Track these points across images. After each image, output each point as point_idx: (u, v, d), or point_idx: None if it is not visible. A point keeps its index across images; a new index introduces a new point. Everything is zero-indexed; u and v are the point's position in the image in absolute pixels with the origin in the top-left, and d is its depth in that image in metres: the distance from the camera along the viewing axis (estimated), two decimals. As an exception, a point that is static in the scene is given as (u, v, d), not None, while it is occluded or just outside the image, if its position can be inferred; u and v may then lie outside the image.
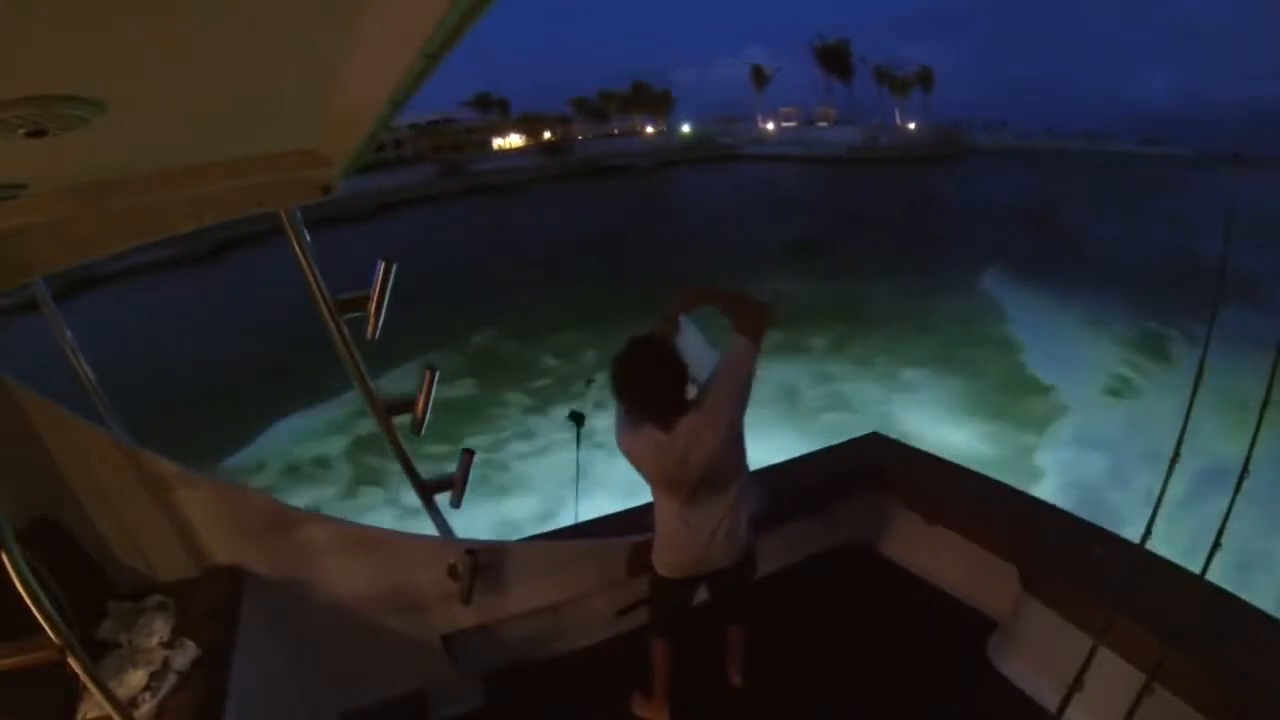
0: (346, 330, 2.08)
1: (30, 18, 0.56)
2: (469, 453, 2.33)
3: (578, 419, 2.78)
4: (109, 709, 1.23)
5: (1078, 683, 1.80)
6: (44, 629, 1.10)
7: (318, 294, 2.03)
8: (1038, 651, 2.40)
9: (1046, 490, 8.01)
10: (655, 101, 59.05)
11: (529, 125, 61.38)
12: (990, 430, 11.71)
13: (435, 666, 2.56)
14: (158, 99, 0.95)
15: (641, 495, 2.32)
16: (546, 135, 61.54)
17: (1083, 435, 11.11)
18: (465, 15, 0.68)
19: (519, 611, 2.64)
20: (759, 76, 55.64)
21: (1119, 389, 13.09)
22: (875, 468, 3.28)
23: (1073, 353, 14.57)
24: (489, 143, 60.65)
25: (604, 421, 2.38)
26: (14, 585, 1.06)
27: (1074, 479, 9.58)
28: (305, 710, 2.39)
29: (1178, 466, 1.82)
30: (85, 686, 1.25)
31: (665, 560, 2.27)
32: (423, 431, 2.17)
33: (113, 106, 0.86)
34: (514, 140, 61.53)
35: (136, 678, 1.67)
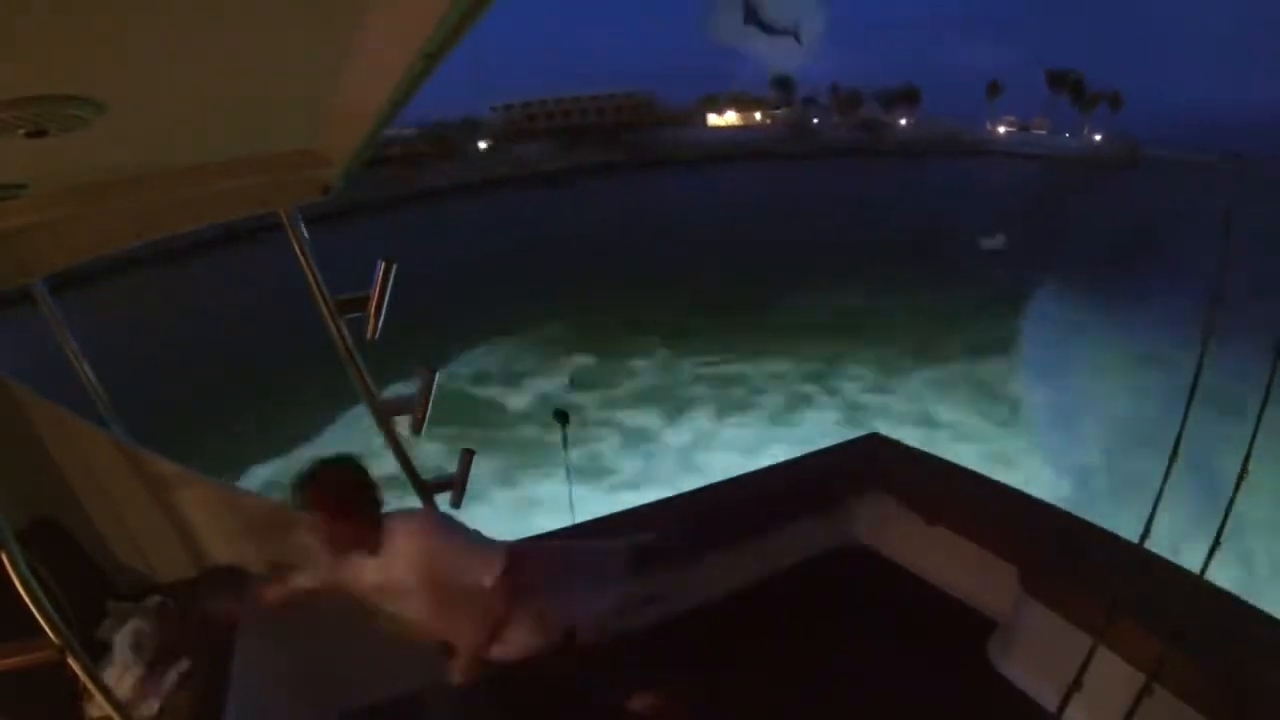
0: (346, 330, 2.08)
1: (31, 18, 0.57)
2: (469, 452, 2.33)
3: (562, 418, 2.73)
4: (109, 709, 1.23)
5: (1077, 683, 1.80)
6: (44, 629, 1.10)
7: (318, 294, 2.03)
8: (1038, 651, 2.40)
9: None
10: (908, 96, 68.84)
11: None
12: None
13: (435, 667, 2.56)
14: (158, 99, 0.95)
15: (641, 496, 2.32)
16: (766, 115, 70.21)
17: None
18: (465, 15, 0.68)
19: None
20: (993, 89, 66.72)
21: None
22: (875, 468, 3.28)
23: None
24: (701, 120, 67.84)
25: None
26: (14, 585, 1.06)
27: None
28: (305, 710, 2.38)
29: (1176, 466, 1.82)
30: (85, 686, 1.25)
31: None
32: (423, 431, 2.17)
33: (113, 106, 0.86)
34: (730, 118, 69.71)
35: (137, 678, 1.68)
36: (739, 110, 68.72)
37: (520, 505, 10.30)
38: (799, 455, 3.66)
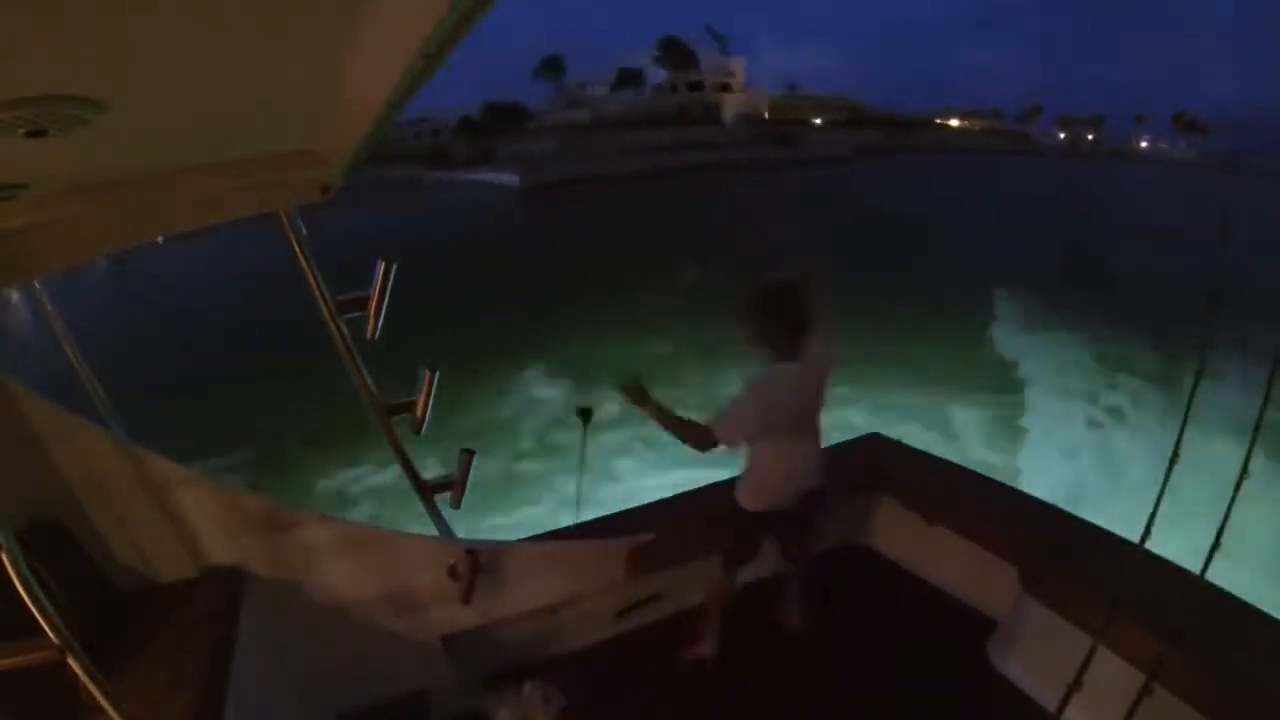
0: (346, 330, 2.08)
1: (30, 18, 0.57)
2: (469, 453, 2.33)
3: (585, 414, 2.68)
4: (109, 709, 1.23)
5: (1077, 682, 1.80)
6: (44, 629, 1.10)
7: (317, 294, 2.03)
8: (1037, 651, 2.40)
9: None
10: (1098, 122, 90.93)
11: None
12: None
13: (435, 667, 2.56)
14: (158, 99, 0.95)
15: (643, 495, 2.32)
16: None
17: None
18: (465, 15, 0.68)
19: (519, 612, 2.64)
20: (1139, 119, 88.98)
21: None
22: (875, 468, 3.28)
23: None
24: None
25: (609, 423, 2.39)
26: (14, 585, 1.06)
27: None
28: (305, 710, 2.39)
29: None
30: (85, 686, 1.25)
31: (763, 495, 2.47)
32: (422, 431, 2.17)
33: (113, 106, 0.86)
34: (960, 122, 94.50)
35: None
36: (964, 119, 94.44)
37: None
38: None
